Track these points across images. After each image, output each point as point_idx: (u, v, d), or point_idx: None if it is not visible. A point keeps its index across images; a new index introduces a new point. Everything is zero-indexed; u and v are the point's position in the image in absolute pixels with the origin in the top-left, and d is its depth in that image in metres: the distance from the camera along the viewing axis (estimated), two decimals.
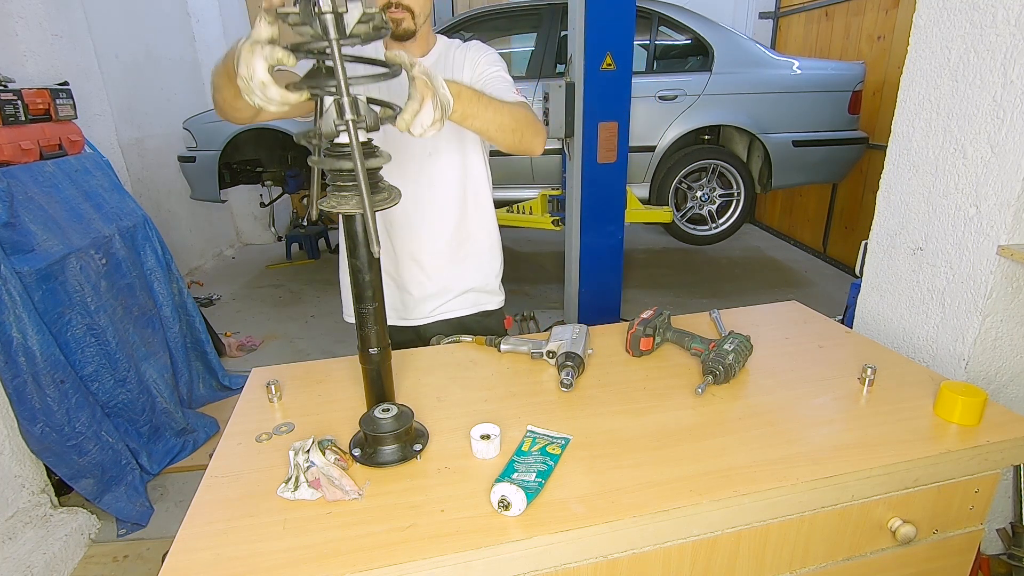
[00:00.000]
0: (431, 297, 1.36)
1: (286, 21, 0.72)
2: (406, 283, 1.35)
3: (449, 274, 1.35)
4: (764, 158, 3.86)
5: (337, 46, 0.67)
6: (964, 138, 1.23)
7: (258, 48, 0.72)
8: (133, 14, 4.03)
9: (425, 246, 1.32)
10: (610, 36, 2.52)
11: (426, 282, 1.34)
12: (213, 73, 1.01)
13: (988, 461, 0.87)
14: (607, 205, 2.83)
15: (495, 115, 1.04)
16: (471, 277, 1.38)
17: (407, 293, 1.36)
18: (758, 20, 5.24)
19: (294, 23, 0.71)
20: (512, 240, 5.25)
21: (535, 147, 1.17)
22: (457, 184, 1.30)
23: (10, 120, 1.93)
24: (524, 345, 1.15)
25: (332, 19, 0.66)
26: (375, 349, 0.91)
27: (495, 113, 1.04)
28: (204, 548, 0.70)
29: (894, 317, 1.44)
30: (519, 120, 1.11)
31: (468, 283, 1.38)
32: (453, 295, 1.37)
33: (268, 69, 0.73)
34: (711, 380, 1.01)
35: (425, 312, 1.37)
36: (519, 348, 1.16)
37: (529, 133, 1.14)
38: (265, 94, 0.74)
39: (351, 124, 0.70)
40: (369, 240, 0.76)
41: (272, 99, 0.74)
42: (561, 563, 0.73)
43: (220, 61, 0.98)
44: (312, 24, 0.69)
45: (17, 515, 1.77)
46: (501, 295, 1.45)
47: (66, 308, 1.89)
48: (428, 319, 1.38)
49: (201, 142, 3.99)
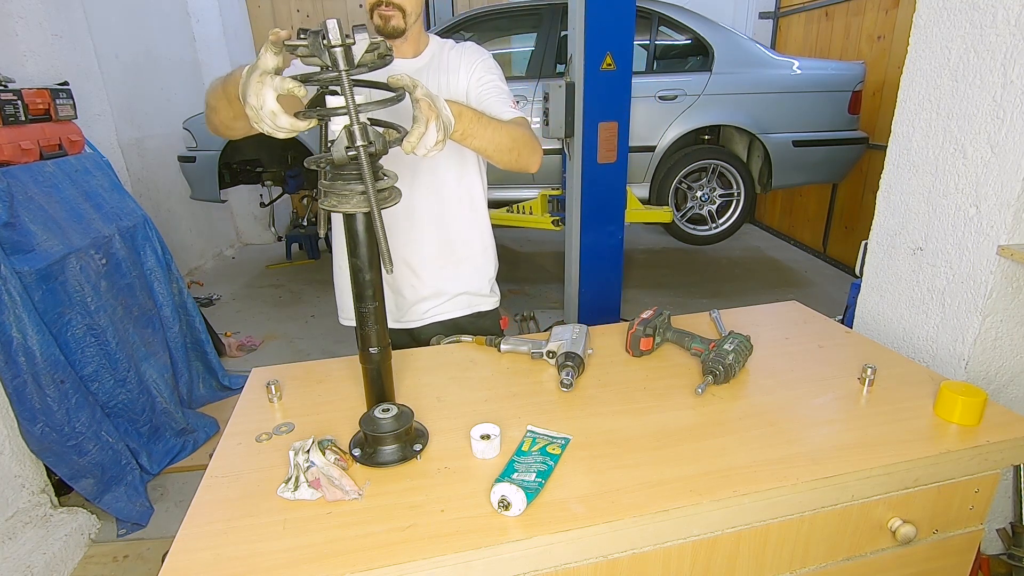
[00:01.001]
0: (425, 300, 1.35)
1: (295, 53, 0.74)
2: (400, 287, 1.35)
3: (442, 278, 1.35)
4: (764, 158, 3.86)
5: (347, 77, 0.69)
6: (964, 138, 1.23)
7: (268, 79, 0.75)
8: (133, 14, 4.03)
9: (418, 250, 1.31)
10: (610, 36, 2.52)
11: (419, 286, 1.34)
12: (208, 94, 1.03)
13: (988, 461, 0.87)
14: (607, 205, 2.83)
15: (494, 135, 1.06)
16: (465, 280, 1.38)
17: (400, 296, 1.35)
18: (758, 20, 5.24)
19: (303, 55, 0.74)
20: (512, 240, 5.25)
21: (531, 166, 1.19)
22: (453, 190, 1.30)
23: (10, 120, 1.93)
24: (524, 345, 1.15)
25: (341, 52, 0.68)
26: (375, 348, 0.91)
27: (494, 133, 1.06)
28: (204, 548, 0.70)
29: (894, 317, 1.44)
30: (517, 140, 1.13)
31: (462, 286, 1.37)
32: (447, 298, 1.37)
33: (276, 98, 0.75)
34: (711, 380, 1.01)
35: (419, 314, 1.37)
36: (519, 348, 1.16)
37: (526, 152, 1.16)
38: (275, 123, 0.76)
39: (362, 150, 0.72)
40: (382, 260, 0.78)
41: (282, 127, 0.77)
42: (561, 563, 0.73)
43: (217, 83, 1.00)
44: (321, 56, 0.71)
45: (17, 515, 1.77)
46: (496, 296, 1.45)
47: (66, 308, 1.89)
48: (422, 321, 1.37)
49: (201, 142, 3.99)
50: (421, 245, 1.31)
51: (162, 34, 4.42)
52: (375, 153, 0.75)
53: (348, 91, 0.70)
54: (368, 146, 0.73)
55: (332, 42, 0.68)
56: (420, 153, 0.84)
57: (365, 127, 0.73)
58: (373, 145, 0.74)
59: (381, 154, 0.77)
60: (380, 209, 0.76)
